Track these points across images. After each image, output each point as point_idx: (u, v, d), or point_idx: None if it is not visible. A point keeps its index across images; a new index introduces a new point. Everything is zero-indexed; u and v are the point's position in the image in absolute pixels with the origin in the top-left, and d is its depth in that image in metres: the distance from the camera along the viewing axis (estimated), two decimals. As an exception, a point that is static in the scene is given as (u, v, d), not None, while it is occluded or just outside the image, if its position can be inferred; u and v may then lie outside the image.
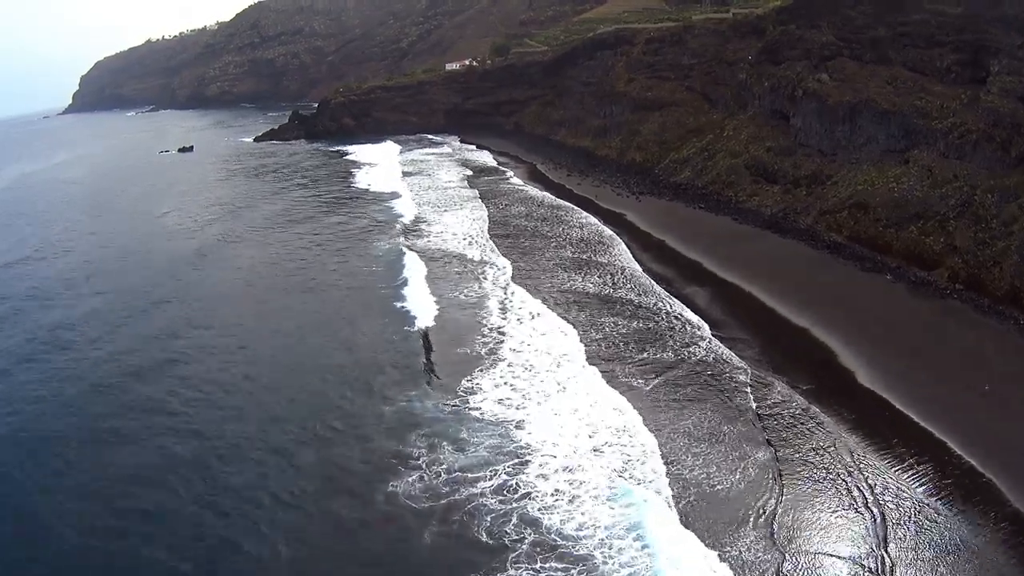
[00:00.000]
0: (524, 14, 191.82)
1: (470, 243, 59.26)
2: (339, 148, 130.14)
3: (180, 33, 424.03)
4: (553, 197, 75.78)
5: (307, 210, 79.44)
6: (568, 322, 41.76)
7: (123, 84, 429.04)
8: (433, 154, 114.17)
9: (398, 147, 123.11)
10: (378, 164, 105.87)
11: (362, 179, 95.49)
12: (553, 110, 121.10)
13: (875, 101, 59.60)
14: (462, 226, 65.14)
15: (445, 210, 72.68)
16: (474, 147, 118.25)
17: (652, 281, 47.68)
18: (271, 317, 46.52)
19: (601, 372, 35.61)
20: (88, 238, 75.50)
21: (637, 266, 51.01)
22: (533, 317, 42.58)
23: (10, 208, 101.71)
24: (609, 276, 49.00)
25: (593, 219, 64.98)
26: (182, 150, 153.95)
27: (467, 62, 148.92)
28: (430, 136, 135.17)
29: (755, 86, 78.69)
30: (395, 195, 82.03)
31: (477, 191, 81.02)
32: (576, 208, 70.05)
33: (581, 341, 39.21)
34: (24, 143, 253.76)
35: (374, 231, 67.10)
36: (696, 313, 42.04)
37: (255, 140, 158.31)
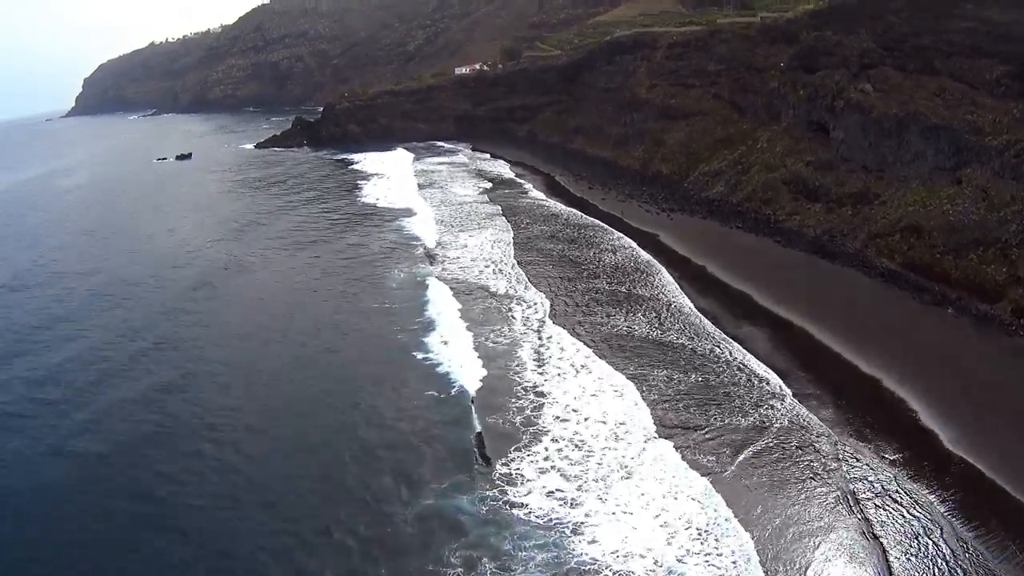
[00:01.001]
0: (535, 16, 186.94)
1: (495, 271, 53.46)
2: (345, 157, 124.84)
3: (183, 36, 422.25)
4: (578, 213, 70.68)
5: (314, 230, 73.54)
6: (620, 376, 35.65)
7: (126, 87, 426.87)
8: (445, 164, 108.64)
9: (407, 156, 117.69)
10: (388, 175, 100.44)
11: (372, 192, 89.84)
12: (569, 117, 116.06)
13: (924, 114, 54.93)
14: (483, 250, 59.36)
15: (463, 230, 66.91)
16: (488, 156, 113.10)
17: (703, 319, 42.30)
18: (277, 373, 40.20)
19: (673, 447, 29.65)
20: (74, 263, 68.65)
21: (684, 300, 45.51)
22: (577, 371, 36.35)
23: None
24: (655, 314, 43.29)
25: (626, 241, 59.65)
26: (180, 157, 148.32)
27: (477, 66, 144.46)
28: (440, 143, 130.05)
29: (790, 95, 73.95)
30: (408, 212, 76.60)
31: (499, 207, 75.29)
32: (604, 226, 64.87)
33: (642, 404, 32.85)
34: (25, 144, 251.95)
35: (388, 257, 61.10)
36: (760, 361, 36.82)
37: (256, 147, 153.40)
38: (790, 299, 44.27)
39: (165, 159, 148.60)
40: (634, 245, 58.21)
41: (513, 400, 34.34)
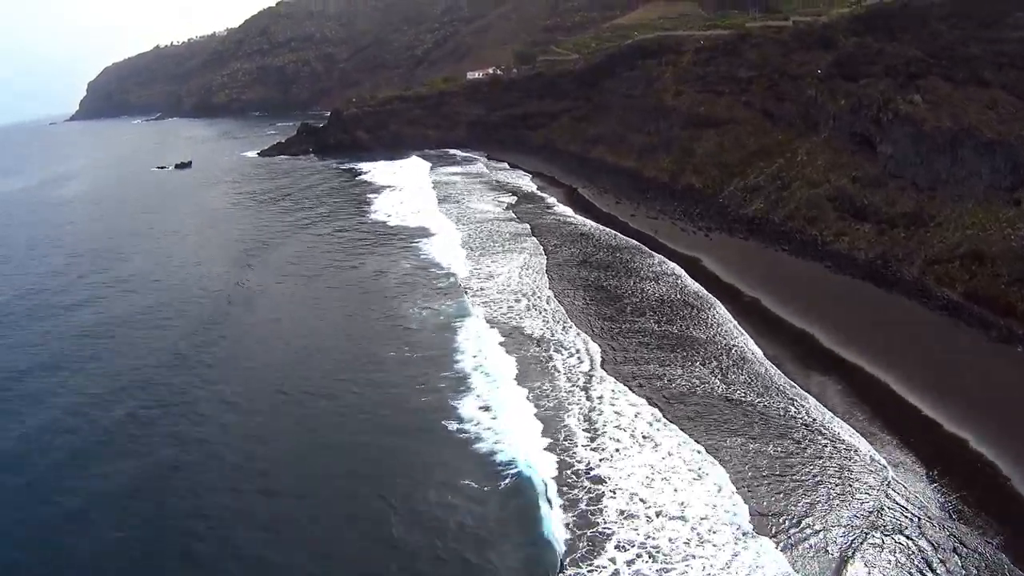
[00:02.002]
0: (548, 20, 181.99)
1: (528, 307, 47.42)
2: (354, 166, 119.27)
3: (189, 39, 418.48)
4: (608, 232, 65.64)
5: (323, 255, 66.18)
6: (694, 448, 29.74)
7: (130, 91, 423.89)
8: (460, 174, 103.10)
9: (420, 166, 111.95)
10: (401, 187, 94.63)
11: (385, 208, 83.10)
12: (588, 124, 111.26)
13: (978, 129, 50.52)
14: (511, 279, 52.87)
15: (486, 254, 60.36)
16: (505, 165, 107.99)
17: (768, 366, 37.08)
18: (288, 449, 32.91)
19: (772, 546, 23.91)
20: (59, 294, 59.50)
21: (745, 343, 40.07)
22: (640, 444, 30.00)
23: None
24: (715, 362, 37.64)
25: (668, 266, 54.32)
26: (180, 166, 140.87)
27: (490, 71, 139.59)
28: (453, 151, 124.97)
29: (829, 104, 69.56)
30: (425, 232, 70.02)
31: (527, 226, 69.03)
32: (639, 248, 59.83)
33: (726, 488, 26.91)
34: (26, 148, 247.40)
35: (407, 290, 53.69)
36: (842, 420, 31.94)
37: (260, 155, 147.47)
38: (854, 337, 39.80)
39: (164, 167, 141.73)
40: (677, 272, 52.96)
41: (564, 489, 27.44)
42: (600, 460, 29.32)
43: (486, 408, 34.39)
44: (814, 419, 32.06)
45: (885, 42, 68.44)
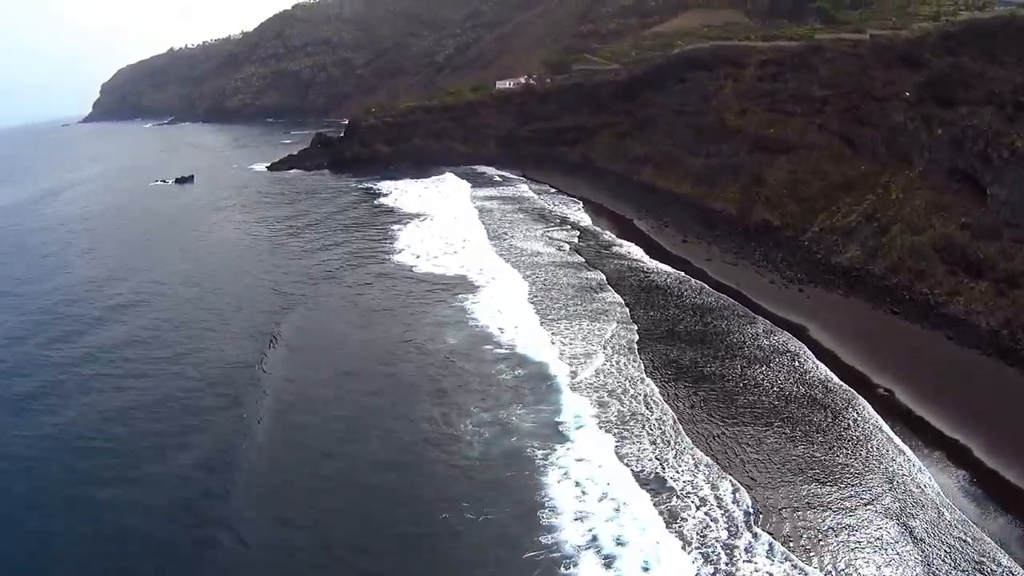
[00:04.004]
0: (580, 26, 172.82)
1: (623, 415, 35.11)
2: (375, 186, 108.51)
3: (203, 42, 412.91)
4: (689, 283, 55.97)
5: (350, 327, 50.75)
6: None
7: (143, 93, 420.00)
8: (498, 199, 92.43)
9: (452, 189, 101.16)
10: (432, 216, 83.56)
11: (416, 246, 69.92)
12: (632, 142, 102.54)
13: None
14: (596, 363, 41.04)
15: (549, 318, 48.29)
16: (548, 188, 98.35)
17: (948, 509, 28.05)
18: None
19: None
20: (10, 376, 45.42)
21: (909, 468, 30.63)
22: None
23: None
24: (880, 514, 27.53)
25: (777, 339, 44.18)
26: (180, 180, 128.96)
27: (522, 80, 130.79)
28: (484, 169, 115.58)
29: (922, 133, 61.35)
30: (470, 286, 56.21)
31: (602, 276, 57.42)
32: (732, 309, 50.03)
33: None
34: (29, 152, 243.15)
35: (458, 389, 39.54)
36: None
37: (270, 168, 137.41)
38: (1009, 448, 31.70)
39: (165, 182, 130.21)
40: (789, 348, 42.96)
41: None
42: None
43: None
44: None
45: (984, 64, 60.76)
